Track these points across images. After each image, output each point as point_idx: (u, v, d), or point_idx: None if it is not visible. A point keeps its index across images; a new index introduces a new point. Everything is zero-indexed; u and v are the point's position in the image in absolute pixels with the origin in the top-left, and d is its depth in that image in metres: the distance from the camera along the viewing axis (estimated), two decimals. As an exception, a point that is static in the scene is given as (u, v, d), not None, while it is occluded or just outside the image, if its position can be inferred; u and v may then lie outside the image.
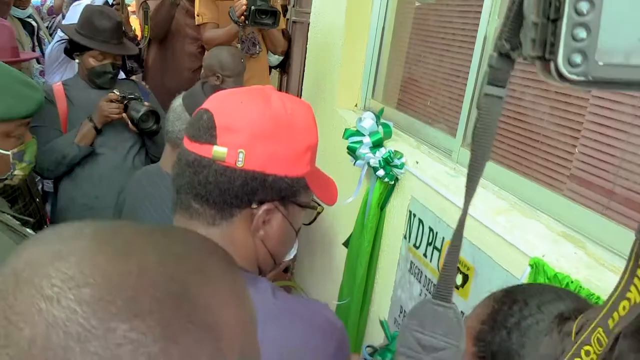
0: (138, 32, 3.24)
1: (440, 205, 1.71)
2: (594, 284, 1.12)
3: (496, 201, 1.58)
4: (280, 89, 4.36)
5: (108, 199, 2.12)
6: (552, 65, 0.36)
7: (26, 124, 1.18)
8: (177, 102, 1.45)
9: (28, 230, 1.07)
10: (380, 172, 1.96)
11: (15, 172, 1.18)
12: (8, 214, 1.13)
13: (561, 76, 0.35)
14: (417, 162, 1.91)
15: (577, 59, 0.34)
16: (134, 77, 3.06)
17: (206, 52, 2.66)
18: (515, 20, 0.39)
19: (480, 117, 0.46)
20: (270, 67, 3.53)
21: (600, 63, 0.34)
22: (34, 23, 2.84)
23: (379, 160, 1.95)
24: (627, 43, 0.34)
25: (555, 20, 0.35)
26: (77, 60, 2.20)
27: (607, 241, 1.26)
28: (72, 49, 2.18)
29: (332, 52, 2.79)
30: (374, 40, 2.60)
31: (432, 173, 1.83)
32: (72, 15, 2.40)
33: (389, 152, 1.95)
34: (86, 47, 2.11)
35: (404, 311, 1.94)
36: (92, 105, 2.10)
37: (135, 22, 3.39)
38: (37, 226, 1.74)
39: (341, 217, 2.43)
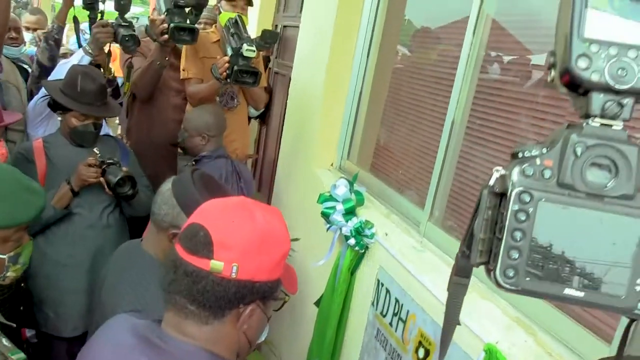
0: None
1: (406, 280, 1.80)
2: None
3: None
4: (259, 140, 4.46)
5: (82, 257, 2.20)
6: (492, 273, 0.46)
7: (24, 228, 1.23)
8: (166, 186, 1.49)
9: (3, 341, 1.06)
10: (352, 241, 2.05)
11: (8, 274, 1.22)
12: None
13: (498, 283, 0.46)
14: (386, 234, 2.01)
15: (510, 272, 0.45)
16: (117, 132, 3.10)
17: (188, 112, 2.74)
18: (470, 235, 0.49)
19: (450, 299, 0.56)
20: (250, 118, 3.63)
21: (527, 278, 0.45)
22: (28, 69, 2.89)
23: (351, 230, 2.05)
24: (537, 274, 0.45)
25: (500, 238, 0.45)
26: (59, 118, 2.26)
27: (558, 331, 1.36)
28: (55, 107, 2.22)
29: (311, 110, 2.91)
30: (351, 103, 2.72)
31: (399, 246, 1.93)
32: (58, 73, 2.45)
33: (360, 222, 2.04)
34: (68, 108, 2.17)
35: (370, 377, 2.01)
36: (72, 164, 2.14)
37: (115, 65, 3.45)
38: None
39: (314, 277, 2.50)
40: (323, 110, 2.81)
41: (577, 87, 0.43)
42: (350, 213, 2.15)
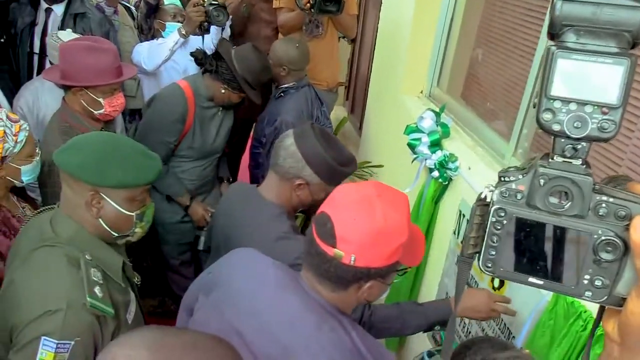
0: None
1: (486, 214, 1.88)
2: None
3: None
4: (352, 60, 4.47)
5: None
6: (478, 262, 0.62)
7: (147, 189, 1.43)
8: (289, 140, 1.59)
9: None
10: (435, 174, 2.13)
11: (136, 230, 1.43)
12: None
13: (481, 269, 0.61)
14: (469, 168, 2.06)
15: (489, 264, 0.60)
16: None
17: (275, 43, 2.83)
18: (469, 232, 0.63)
19: (459, 272, 0.68)
20: (339, 38, 3.64)
21: (501, 269, 0.60)
22: (131, 7, 3.15)
23: (435, 163, 2.12)
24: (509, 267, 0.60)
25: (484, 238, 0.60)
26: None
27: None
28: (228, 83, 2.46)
29: (401, 35, 2.89)
30: (442, 29, 2.67)
31: (482, 180, 1.98)
32: (155, 54, 2.70)
33: (444, 155, 2.11)
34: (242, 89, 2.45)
35: (448, 297, 2.16)
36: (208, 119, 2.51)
37: None
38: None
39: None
40: (413, 36, 2.78)
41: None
42: (435, 145, 2.21)
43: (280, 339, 1.02)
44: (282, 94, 2.75)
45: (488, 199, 0.59)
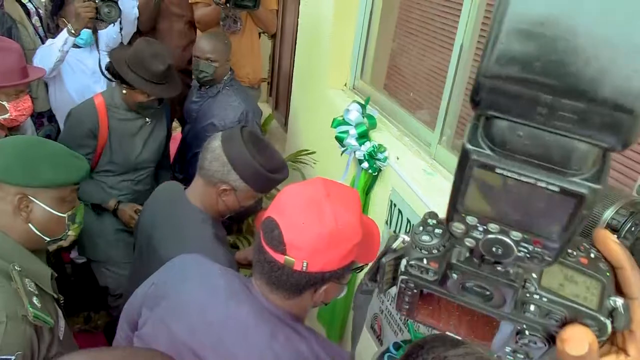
0: None
1: (416, 202, 1.91)
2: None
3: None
4: (273, 55, 4.43)
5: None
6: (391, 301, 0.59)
7: (76, 189, 1.35)
8: (216, 142, 1.52)
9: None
10: (365, 165, 2.14)
11: (69, 233, 1.35)
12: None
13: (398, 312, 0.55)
14: (397, 158, 2.09)
15: (404, 312, 0.53)
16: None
17: (204, 42, 2.71)
18: (377, 268, 0.55)
19: (356, 309, 0.68)
20: (260, 33, 3.58)
21: (419, 318, 0.53)
22: (26, 4, 2.90)
23: (364, 154, 2.13)
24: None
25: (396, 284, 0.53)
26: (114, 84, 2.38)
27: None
28: (121, 80, 2.28)
29: (322, 29, 2.89)
30: (362, 22, 2.69)
31: (410, 170, 2.02)
32: (45, 56, 2.48)
33: (373, 146, 2.12)
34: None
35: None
36: (124, 129, 2.36)
37: None
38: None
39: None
40: (334, 29, 2.78)
41: None
42: (363, 137, 2.22)
43: (234, 352, 0.96)
44: (227, 87, 2.66)
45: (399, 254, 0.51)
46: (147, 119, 2.42)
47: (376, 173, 2.18)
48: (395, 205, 2.08)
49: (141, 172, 2.49)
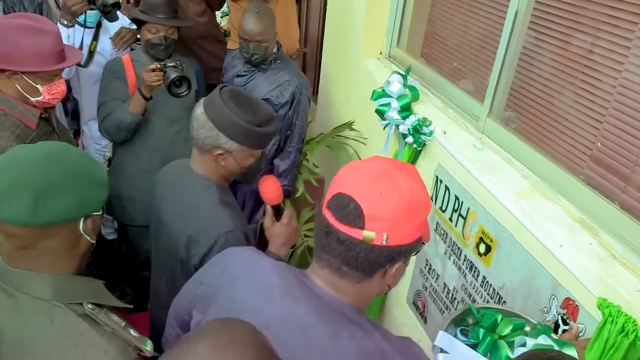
0: None
1: (466, 179, 1.84)
2: (605, 280, 1.29)
3: (520, 181, 1.71)
4: (299, 24, 4.27)
5: (158, 163, 2.38)
6: None
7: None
8: (199, 110, 1.53)
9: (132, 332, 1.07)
10: (409, 139, 2.06)
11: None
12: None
13: None
14: (444, 132, 2.01)
15: None
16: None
17: (249, 22, 2.56)
18: None
19: None
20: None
21: None
22: None
23: (409, 128, 2.05)
24: None
25: None
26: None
27: (622, 233, 1.40)
28: (137, 22, 2.41)
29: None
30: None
31: (458, 144, 1.94)
32: None
33: (418, 120, 2.03)
34: (143, 21, 2.30)
35: (430, 264, 2.14)
36: None
37: None
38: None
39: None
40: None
41: None
42: (406, 109, 2.14)
43: (294, 355, 0.91)
44: (277, 61, 2.61)
45: None
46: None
47: (420, 148, 2.10)
48: (441, 182, 2.01)
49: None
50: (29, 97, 1.84)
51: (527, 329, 1.42)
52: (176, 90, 2.28)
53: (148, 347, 1.05)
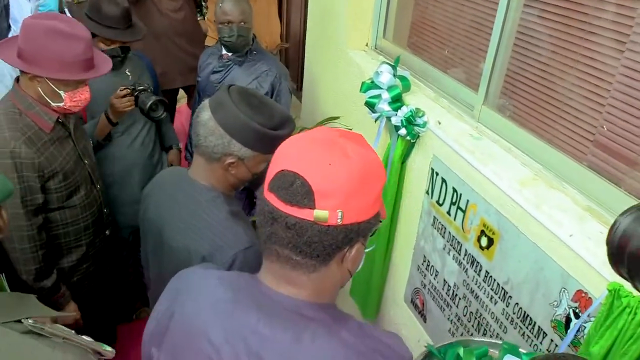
0: None
1: (464, 169, 1.76)
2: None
3: (521, 169, 1.64)
4: (281, 17, 4.18)
5: (122, 174, 2.45)
6: None
7: None
8: (206, 114, 1.34)
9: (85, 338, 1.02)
10: (402, 132, 1.98)
11: None
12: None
13: None
14: (439, 122, 1.93)
15: None
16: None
17: (232, 3, 2.50)
18: None
19: None
20: None
21: None
22: None
23: (401, 120, 1.97)
24: None
25: None
26: None
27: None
28: None
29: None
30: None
31: (454, 134, 1.86)
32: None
33: (410, 111, 1.95)
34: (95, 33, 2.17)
35: (427, 260, 2.06)
36: (107, 89, 2.20)
37: None
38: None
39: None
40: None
41: None
42: (397, 101, 2.05)
43: None
44: (253, 52, 2.54)
45: None
46: (127, 72, 2.34)
47: (414, 140, 2.02)
48: (437, 174, 1.93)
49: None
50: (50, 101, 1.75)
51: (494, 350, 1.38)
52: (154, 114, 2.25)
53: (108, 348, 0.99)
